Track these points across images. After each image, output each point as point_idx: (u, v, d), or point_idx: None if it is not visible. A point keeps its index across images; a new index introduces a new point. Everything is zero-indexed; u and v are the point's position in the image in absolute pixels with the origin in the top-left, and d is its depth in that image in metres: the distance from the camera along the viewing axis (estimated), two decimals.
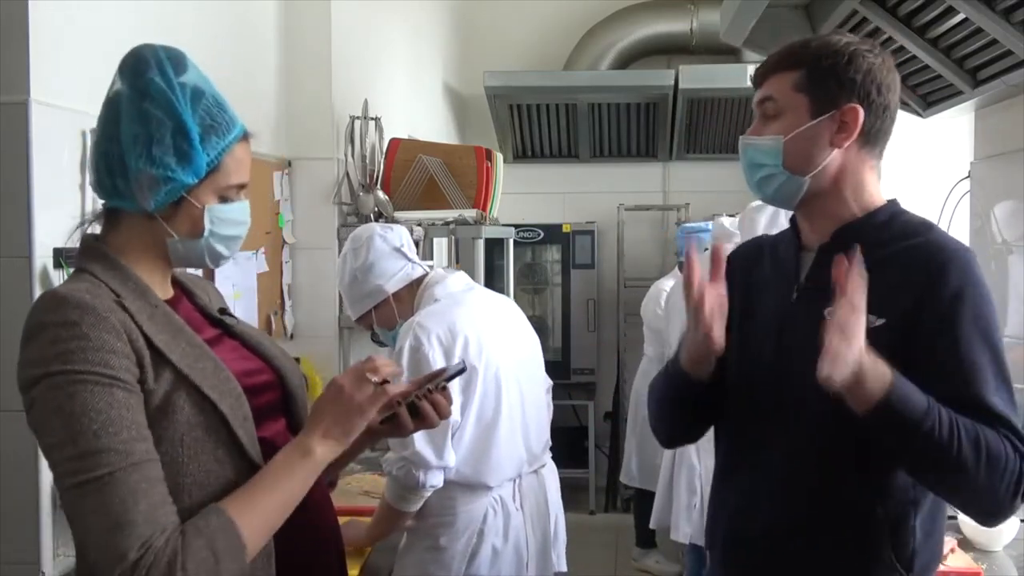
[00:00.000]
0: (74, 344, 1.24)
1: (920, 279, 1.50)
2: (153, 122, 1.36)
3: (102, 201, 1.44)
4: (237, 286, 3.03)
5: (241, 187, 1.48)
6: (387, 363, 1.42)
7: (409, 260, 2.52)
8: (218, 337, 1.51)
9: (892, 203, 1.65)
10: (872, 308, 1.46)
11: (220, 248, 1.46)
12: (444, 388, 1.52)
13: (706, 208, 5.74)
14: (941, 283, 1.48)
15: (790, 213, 1.72)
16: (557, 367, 5.65)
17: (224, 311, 1.58)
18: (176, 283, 1.53)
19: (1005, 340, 3.01)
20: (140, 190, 1.36)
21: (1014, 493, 1.45)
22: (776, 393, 1.59)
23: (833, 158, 1.58)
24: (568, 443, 5.45)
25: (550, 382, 2.77)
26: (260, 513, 1.30)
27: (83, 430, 1.22)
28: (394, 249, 2.50)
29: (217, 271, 2.84)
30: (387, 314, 2.51)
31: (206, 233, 1.42)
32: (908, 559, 1.53)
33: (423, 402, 1.49)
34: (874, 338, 1.45)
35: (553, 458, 2.68)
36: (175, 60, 1.41)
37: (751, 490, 1.65)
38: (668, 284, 4.71)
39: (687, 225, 4.99)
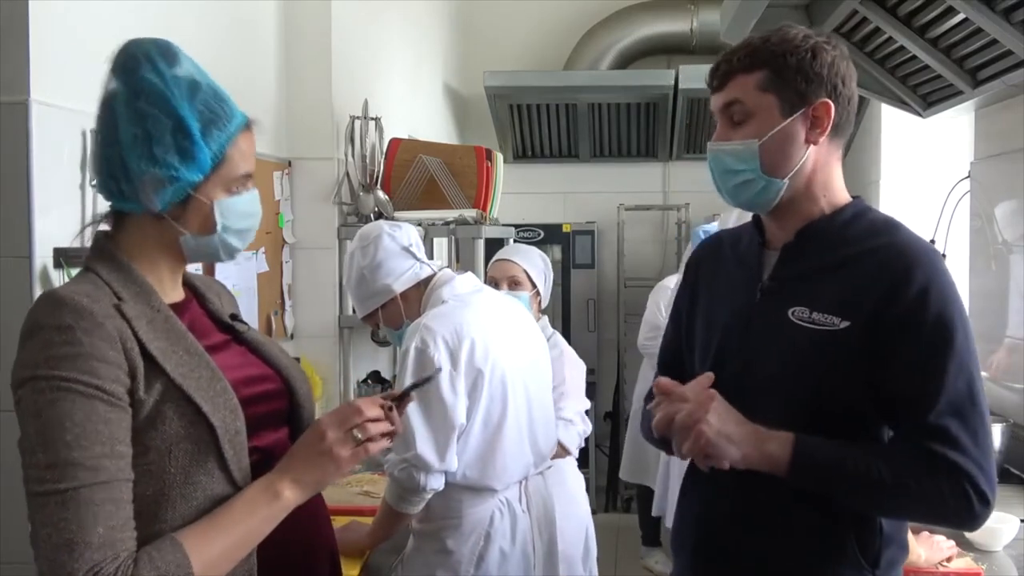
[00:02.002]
0: (65, 349, 1.23)
1: (885, 281, 1.48)
2: (151, 121, 1.32)
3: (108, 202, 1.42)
4: (237, 286, 3.03)
5: (248, 177, 1.45)
6: (377, 420, 1.40)
7: (417, 260, 2.50)
8: (225, 343, 1.49)
9: (857, 201, 1.63)
10: (836, 309, 1.49)
11: (234, 242, 1.44)
12: (405, 398, 1.51)
13: (706, 208, 5.74)
14: (906, 285, 1.47)
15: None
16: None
17: (235, 316, 1.57)
18: (187, 285, 1.51)
19: (1007, 340, 3.01)
20: (145, 192, 1.33)
21: (966, 497, 1.45)
22: (739, 393, 1.57)
23: (808, 156, 1.57)
24: None
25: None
26: (217, 550, 1.27)
27: (57, 439, 1.20)
28: (403, 248, 2.49)
29: (218, 271, 2.84)
30: (394, 314, 2.50)
31: (218, 228, 1.40)
32: (874, 556, 1.53)
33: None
34: (839, 340, 1.47)
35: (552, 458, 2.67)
36: (166, 53, 1.37)
37: (716, 491, 1.65)
38: (672, 282, 4.70)
39: (706, 227, 4.94)
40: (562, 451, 2.81)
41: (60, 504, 1.19)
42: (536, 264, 3.21)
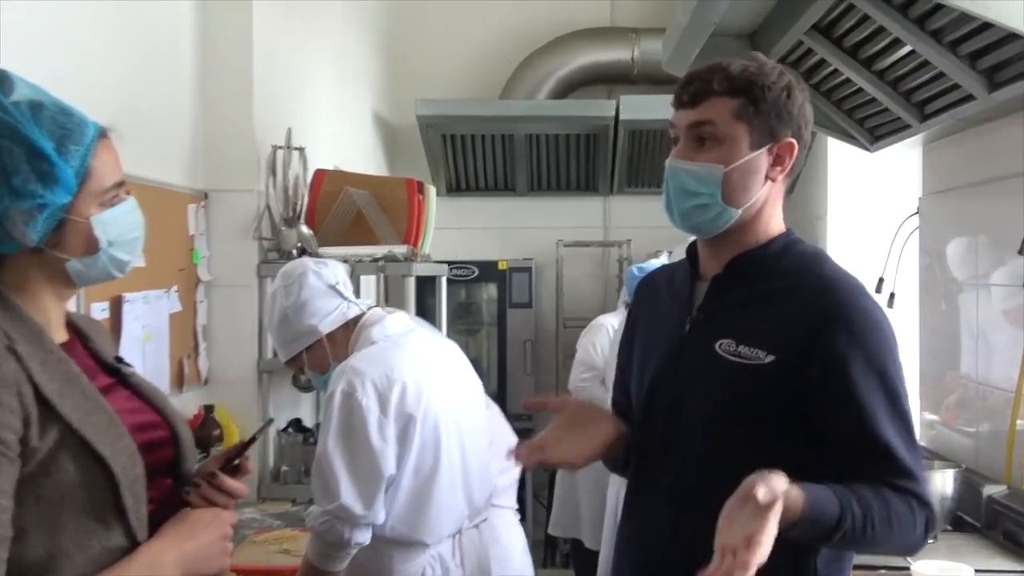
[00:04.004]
0: None
1: (812, 315, 1.55)
2: (3, 154, 1.31)
3: None
4: (147, 327, 2.98)
5: (119, 186, 1.44)
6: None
7: (345, 299, 2.49)
8: (112, 386, 1.48)
9: (788, 233, 1.70)
10: (762, 343, 1.55)
11: (122, 255, 1.44)
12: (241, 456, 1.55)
13: (649, 244, 5.79)
14: (833, 321, 1.54)
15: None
16: None
17: (120, 359, 1.55)
18: (70, 326, 1.49)
19: (959, 382, 3.09)
20: (16, 228, 1.32)
21: (925, 535, 1.56)
22: (672, 426, 1.64)
23: (764, 191, 1.64)
24: None
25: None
26: None
27: None
28: (329, 286, 2.48)
29: (126, 312, 2.80)
30: (320, 356, 2.48)
31: (103, 245, 1.40)
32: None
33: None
34: (764, 375, 1.54)
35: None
36: (1, 83, 1.35)
37: (649, 524, 1.69)
38: (613, 321, 4.73)
39: (642, 265, 4.99)
40: None
41: None
42: None
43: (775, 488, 1.34)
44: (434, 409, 2.35)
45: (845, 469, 1.54)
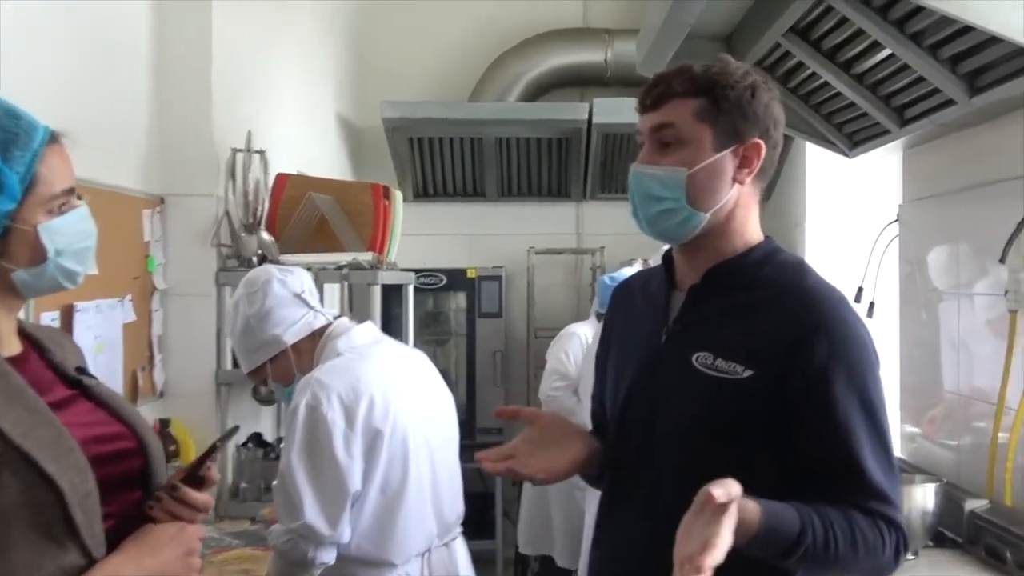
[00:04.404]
0: None
1: (792, 331, 1.56)
2: None
3: None
4: (100, 338, 2.94)
5: (70, 192, 1.44)
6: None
7: (311, 308, 2.49)
8: (72, 398, 1.47)
9: (767, 241, 1.71)
10: (741, 357, 1.56)
11: (71, 265, 1.43)
12: (205, 464, 1.54)
13: (623, 252, 5.81)
14: (815, 337, 1.54)
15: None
16: (461, 426, 5.49)
17: (82, 370, 1.54)
18: (25, 337, 1.48)
19: (944, 395, 3.11)
20: None
21: (895, 559, 1.56)
22: (647, 439, 1.65)
23: (732, 193, 1.64)
24: (473, 511, 5.38)
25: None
26: None
27: None
28: (294, 295, 2.47)
29: (77, 321, 2.76)
30: (284, 368, 2.47)
31: (51, 254, 1.39)
32: None
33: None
34: (743, 389, 1.54)
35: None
36: None
37: (623, 539, 1.70)
38: (585, 330, 4.73)
39: (614, 275, 4.99)
40: None
41: None
42: None
43: (731, 490, 1.35)
44: (402, 423, 2.35)
45: (818, 487, 1.54)
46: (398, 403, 2.35)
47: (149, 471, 1.52)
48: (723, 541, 1.33)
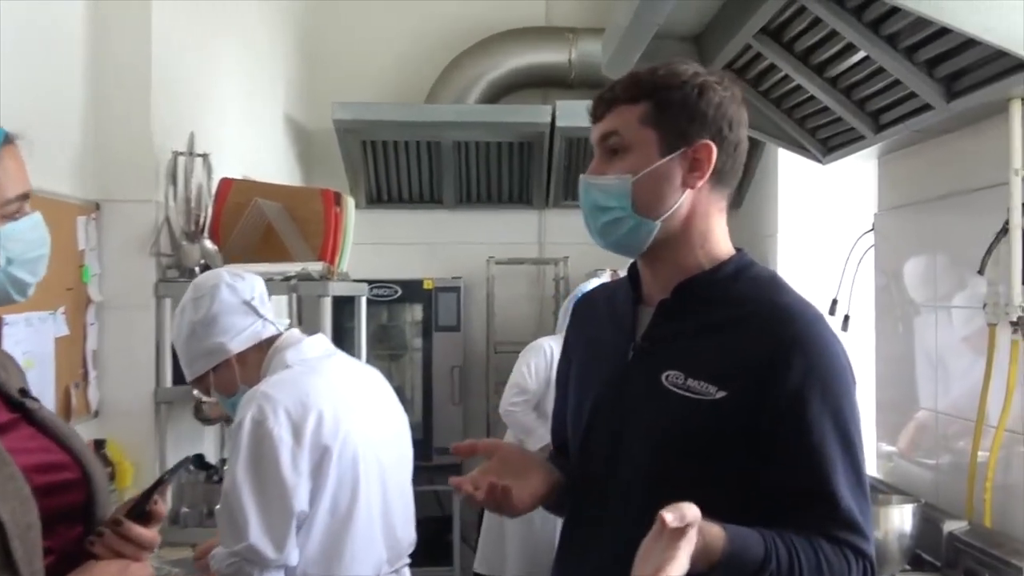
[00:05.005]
0: None
1: (767, 350, 1.56)
2: None
3: None
4: (29, 353, 2.90)
5: (23, 198, 1.43)
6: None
7: (260, 317, 2.47)
8: (14, 422, 1.45)
9: (740, 254, 1.71)
10: (713, 377, 1.56)
11: (23, 275, 1.42)
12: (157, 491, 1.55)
13: (587, 262, 5.83)
14: (790, 357, 1.55)
15: None
16: (417, 446, 5.49)
17: (24, 392, 1.51)
18: None
19: (921, 412, 3.13)
20: None
21: None
22: (613, 459, 1.65)
23: (684, 200, 1.64)
24: (429, 535, 5.37)
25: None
26: None
27: None
28: (243, 302, 2.46)
29: (5, 335, 2.73)
30: (228, 378, 2.45)
31: (2, 263, 1.38)
32: None
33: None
34: (714, 410, 1.55)
35: (411, 553, 2.63)
36: None
37: (586, 562, 1.70)
38: (554, 344, 4.74)
39: (584, 286, 4.97)
40: None
41: None
42: None
43: (685, 514, 1.34)
44: (353, 441, 2.33)
45: (788, 511, 1.55)
46: (349, 420, 2.34)
47: (93, 504, 1.49)
48: (678, 566, 1.33)
